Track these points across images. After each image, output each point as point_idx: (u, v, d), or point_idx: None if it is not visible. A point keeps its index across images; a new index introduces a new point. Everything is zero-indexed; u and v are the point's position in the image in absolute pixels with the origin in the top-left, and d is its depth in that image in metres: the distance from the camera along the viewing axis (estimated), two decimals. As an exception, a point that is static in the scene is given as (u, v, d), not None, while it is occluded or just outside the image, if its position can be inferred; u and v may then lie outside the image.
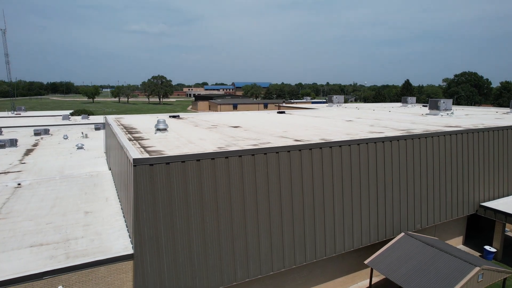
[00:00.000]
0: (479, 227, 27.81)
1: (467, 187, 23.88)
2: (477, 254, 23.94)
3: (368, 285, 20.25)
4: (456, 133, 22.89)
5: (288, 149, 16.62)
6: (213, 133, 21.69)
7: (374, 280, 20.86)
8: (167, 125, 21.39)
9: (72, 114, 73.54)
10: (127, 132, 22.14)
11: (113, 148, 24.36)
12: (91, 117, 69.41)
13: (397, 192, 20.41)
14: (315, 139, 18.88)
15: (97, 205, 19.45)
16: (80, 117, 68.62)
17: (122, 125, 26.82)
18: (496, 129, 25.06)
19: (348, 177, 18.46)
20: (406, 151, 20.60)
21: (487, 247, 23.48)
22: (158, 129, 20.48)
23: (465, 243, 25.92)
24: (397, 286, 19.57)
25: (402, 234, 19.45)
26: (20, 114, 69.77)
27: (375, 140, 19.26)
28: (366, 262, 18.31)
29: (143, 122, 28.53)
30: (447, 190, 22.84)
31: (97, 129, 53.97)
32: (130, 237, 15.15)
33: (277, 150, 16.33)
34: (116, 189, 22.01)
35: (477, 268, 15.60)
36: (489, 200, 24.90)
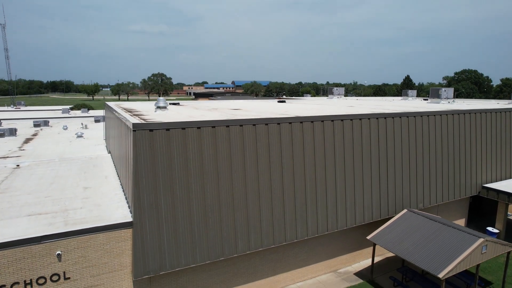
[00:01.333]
0: (481, 210, 27.60)
1: (469, 168, 23.67)
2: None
3: (370, 263, 20.02)
4: (458, 113, 22.70)
5: (290, 120, 16.42)
6: (214, 113, 21.49)
7: (376, 259, 20.63)
8: (167, 103, 21.19)
9: (72, 109, 73.34)
10: (127, 111, 21.94)
11: (112, 127, 24.21)
12: (91, 111, 69.24)
13: (400, 170, 20.20)
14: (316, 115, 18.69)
15: (96, 182, 19.25)
16: (80, 111, 68.46)
17: (122, 107, 26.63)
18: (498, 111, 24.87)
19: (350, 152, 18.26)
20: (409, 129, 20.39)
21: (489, 228, 23.24)
22: (158, 107, 20.27)
23: (467, 225, 25.70)
24: (399, 264, 19.35)
25: (405, 210, 19.24)
26: (19, 108, 69.59)
27: (377, 116, 19.07)
28: (368, 237, 18.10)
29: (143, 105, 28.36)
30: (449, 170, 22.63)
31: (96, 121, 53.74)
32: (129, 208, 14.94)
33: (278, 121, 16.13)
34: (116, 170, 21.79)
35: (481, 239, 15.39)
36: (491, 182, 24.70)
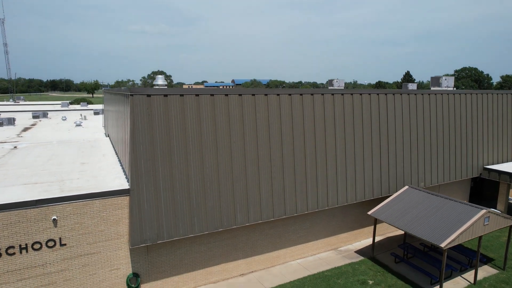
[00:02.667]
0: (482, 194, 27.35)
1: (470, 150, 23.47)
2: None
3: (371, 242, 19.79)
4: (459, 93, 22.51)
5: (289, 92, 16.22)
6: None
7: (378, 239, 20.39)
8: (165, 81, 21.00)
9: (71, 103, 73.16)
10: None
11: (111, 106, 24.03)
12: (90, 106, 69.06)
13: (400, 148, 19.99)
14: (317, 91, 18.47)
15: (94, 159, 19.04)
16: (79, 105, 68.30)
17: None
18: (500, 93, 24.67)
19: (351, 128, 18.05)
20: (409, 107, 20.19)
21: (491, 210, 23.02)
22: (157, 84, 20.09)
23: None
24: (400, 241, 19.11)
25: (406, 187, 19.02)
26: (19, 102, 69.43)
27: (378, 92, 18.86)
28: (369, 212, 17.87)
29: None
30: (451, 151, 22.42)
31: (96, 113, 53.54)
32: (127, 179, 14.72)
33: (277, 92, 15.93)
34: (114, 150, 21.57)
35: (484, 211, 15.17)
36: (492, 165, 24.49)
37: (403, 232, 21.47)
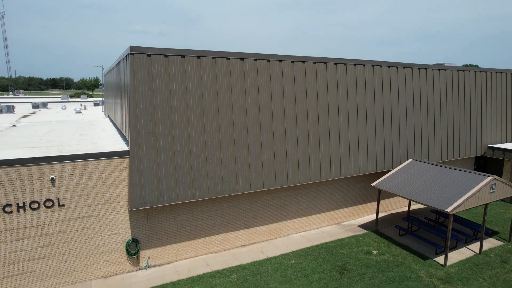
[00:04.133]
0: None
1: (475, 128, 23.22)
2: (485, 198, 23.18)
3: (374, 218, 19.51)
4: (463, 70, 22.25)
5: (292, 59, 15.96)
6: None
7: (381, 215, 20.12)
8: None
9: (71, 97, 73.00)
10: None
11: (111, 84, 23.78)
12: (90, 99, 68.84)
13: (404, 123, 19.73)
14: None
15: (93, 132, 18.79)
16: (79, 98, 68.08)
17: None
18: (504, 72, 24.42)
19: (354, 99, 17.79)
20: (412, 82, 19.94)
21: (498, 177, 22.77)
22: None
23: (473, 188, 25.21)
24: (404, 215, 18.83)
25: (410, 160, 18.75)
26: (18, 96, 69.25)
27: (381, 64, 18.61)
28: (373, 184, 17.59)
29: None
30: (454, 129, 22.17)
31: (96, 105, 53.32)
32: (127, 144, 14.46)
33: (280, 59, 15.67)
34: (115, 126, 21.32)
35: (490, 177, 14.90)
36: (496, 144, 24.23)
37: (406, 209, 21.22)
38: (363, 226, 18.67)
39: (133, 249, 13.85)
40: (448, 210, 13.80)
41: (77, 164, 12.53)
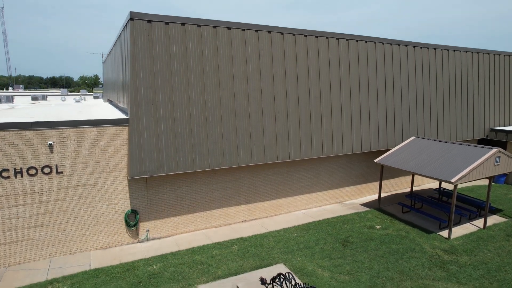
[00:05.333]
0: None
1: (477, 111, 23.02)
2: (486, 181, 22.99)
3: (376, 198, 19.28)
4: (470, 51, 22.04)
5: (294, 32, 15.76)
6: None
7: (383, 195, 19.89)
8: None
9: (71, 92, 72.80)
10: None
11: (110, 61, 23.55)
12: (90, 93, 68.67)
13: (406, 102, 19.53)
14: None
15: (92, 109, 18.61)
16: (79, 92, 67.91)
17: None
18: (508, 54, 24.23)
19: (356, 75, 17.58)
20: (415, 61, 19.74)
21: (503, 150, 22.58)
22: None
23: (476, 172, 25.02)
24: (407, 198, 18.59)
25: (413, 137, 18.53)
26: (18, 90, 69.04)
27: (383, 41, 18.41)
28: (376, 160, 17.37)
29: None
30: (457, 110, 21.97)
31: (95, 98, 53.11)
32: (126, 113, 14.25)
33: (282, 31, 15.47)
34: (114, 107, 21.11)
35: (495, 150, 14.69)
36: (499, 127, 24.04)
37: (409, 190, 21.02)
38: (365, 204, 18.45)
39: (132, 220, 13.63)
40: (453, 180, 13.59)
41: (75, 131, 12.31)
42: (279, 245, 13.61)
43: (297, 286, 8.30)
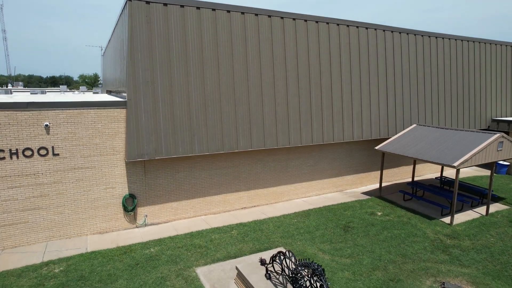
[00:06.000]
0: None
1: (479, 101, 22.84)
2: (488, 172, 22.80)
3: (377, 187, 19.09)
4: (469, 40, 21.86)
5: (294, 16, 15.58)
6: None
7: (384, 184, 19.69)
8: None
9: (70, 89, 72.64)
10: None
11: (109, 51, 23.36)
12: (89, 91, 68.52)
13: (408, 90, 19.34)
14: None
15: (89, 96, 18.40)
16: (78, 90, 67.77)
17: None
18: (510, 45, 24.04)
19: (357, 63, 17.39)
20: (416, 49, 19.55)
21: (500, 161, 22.41)
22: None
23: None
24: (408, 185, 18.40)
25: (414, 125, 18.34)
26: (17, 87, 68.87)
27: (384, 28, 18.22)
28: (377, 147, 17.17)
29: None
30: (458, 100, 21.79)
31: (95, 93, 52.87)
32: (123, 98, 14.05)
33: (282, 15, 15.28)
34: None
35: (498, 134, 14.49)
36: (501, 117, 23.85)
37: (410, 179, 20.83)
38: (366, 193, 18.26)
39: (130, 205, 13.44)
40: (455, 164, 13.39)
41: (72, 113, 12.12)
42: (279, 230, 13.41)
43: (298, 262, 8.11)
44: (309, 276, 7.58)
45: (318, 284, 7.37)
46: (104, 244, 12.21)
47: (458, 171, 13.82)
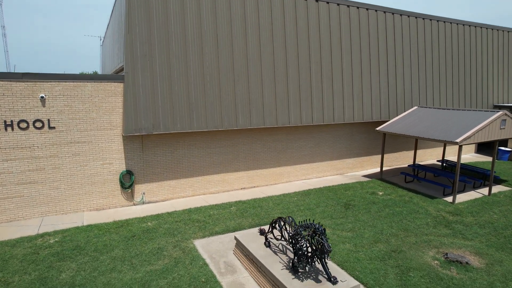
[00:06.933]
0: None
1: (481, 87, 22.63)
2: (489, 159, 22.60)
3: (378, 171, 18.89)
4: (474, 25, 21.64)
5: (294, -6, 15.37)
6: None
7: (385, 169, 19.49)
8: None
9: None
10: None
11: (107, 40, 23.15)
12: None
13: (409, 72, 19.13)
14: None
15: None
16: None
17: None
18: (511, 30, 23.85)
19: (357, 43, 17.18)
20: (417, 32, 19.34)
21: (501, 148, 22.21)
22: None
23: (478, 149, 24.67)
24: (410, 167, 18.20)
25: (415, 107, 18.15)
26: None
27: (384, 10, 18.02)
28: (378, 128, 16.97)
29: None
30: (460, 86, 21.59)
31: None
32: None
33: (281, -7, 15.07)
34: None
35: (501, 112, 14.30)
36: (502, 104, 23.67)
37: (411, 162, 20.63)
38: (367, 176, 18.06)
39: (127, 181, 13.23)
40: (458, 140, 13.19)
41: (68, 85, 11.91)
42: (279, 207, 13.21)
43: (299, 223, 7.89)
44: (310, 235, 7.38)
45: (320, 246, 7.17)
46: (100, 219, 12.00)
47: (460, 148, 13.62)
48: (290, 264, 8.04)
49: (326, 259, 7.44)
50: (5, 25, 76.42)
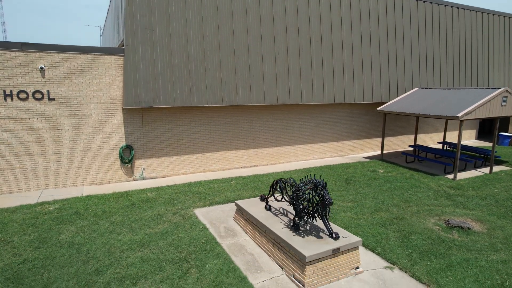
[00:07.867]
0: (491, 131, 26.47)
1: (481, 73, 22.57)
2: (489, 144, 22.54)
3: (378, 154, 18.84)
4: (475, 10, 21.57)
5: (294, -29, 15.31)
6: None
7: (386, 151, 19.43)
8: None
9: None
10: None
11: (108, 28, 23.06)
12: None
13: (409, 56, 19.07)
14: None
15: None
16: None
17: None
18: None
19: (357, 24, 17.12)
20: (418, 15, 19.28)
21: (502, 133, 22.16)
22: None
23: (478, 136, 24.63)
24: (411, 147, 18.13)
25: (416, 88, 18.10)
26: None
27: (386, -10, 17.96)
28: (378, 108, 16.92)
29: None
30: (461, 71, 21.53)
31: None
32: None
33: (282, -30, 15.01)
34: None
35: (502, 89, 14.24)
36: (504, 91, 23.61)
37: (412, 149, 20.58)
38: (367, 157, 18.01)
39: (127, 156, 13.17)
40: (459, 115, 13.14)
41: (68, 57, 11.85)
42: (279, 182, 13.15)
43: (301, 181, 7.83)
44: (311, 189, 7.33)
45: (320, 199, 7.11)
46: (100, 191, 11.94)
47: (461, 123, 13.56)
48: (291, 224, 7.99)
49: (327, 215, 7.39)
50: (5, 21, 76.21)
